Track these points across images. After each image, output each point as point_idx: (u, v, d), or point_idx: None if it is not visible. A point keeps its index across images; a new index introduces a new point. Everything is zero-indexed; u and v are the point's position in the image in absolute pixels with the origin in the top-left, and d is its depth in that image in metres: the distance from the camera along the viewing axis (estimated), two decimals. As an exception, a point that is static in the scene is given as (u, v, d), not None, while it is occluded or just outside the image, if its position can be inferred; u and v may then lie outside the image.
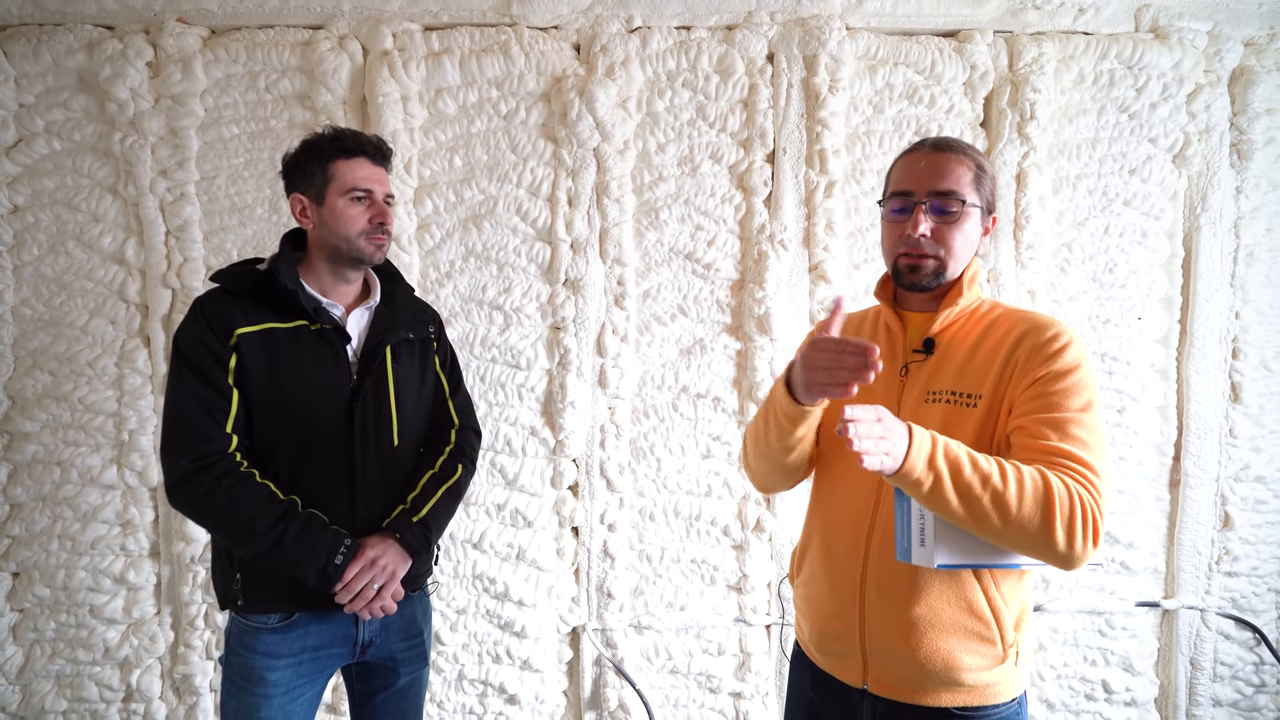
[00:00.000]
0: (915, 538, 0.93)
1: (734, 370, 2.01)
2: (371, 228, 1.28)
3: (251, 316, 1.23)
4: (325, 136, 1.30)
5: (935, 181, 1.02)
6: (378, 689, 1.39)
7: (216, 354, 1.20)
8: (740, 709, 2.06)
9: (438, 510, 1.33)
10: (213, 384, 1.20)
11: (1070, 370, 0.94)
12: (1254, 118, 2.00)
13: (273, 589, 1.24)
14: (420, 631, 1.40)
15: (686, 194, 1.98)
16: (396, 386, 1.32)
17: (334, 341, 1.27)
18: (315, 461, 1.25)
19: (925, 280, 1.03)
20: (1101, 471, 0.90)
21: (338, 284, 1.31)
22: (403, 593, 1.27)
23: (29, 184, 1.89)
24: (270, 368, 1.23)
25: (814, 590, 1.11)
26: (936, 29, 1.99)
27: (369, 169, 1.29)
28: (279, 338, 1.24)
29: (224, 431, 1.20)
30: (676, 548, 2.03)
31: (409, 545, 1.27)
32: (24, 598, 1.93)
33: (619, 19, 1.94)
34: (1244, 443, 2.06)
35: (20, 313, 1.92)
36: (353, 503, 1.27)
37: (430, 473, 1.36)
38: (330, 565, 1.19)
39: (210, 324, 1.22)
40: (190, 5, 1.88)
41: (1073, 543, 0.87)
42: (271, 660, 1.25)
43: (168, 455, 1.20)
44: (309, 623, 1.27)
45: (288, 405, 1.23)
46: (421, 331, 1.41)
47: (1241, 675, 2.12)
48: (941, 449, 0.87)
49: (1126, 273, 2.03)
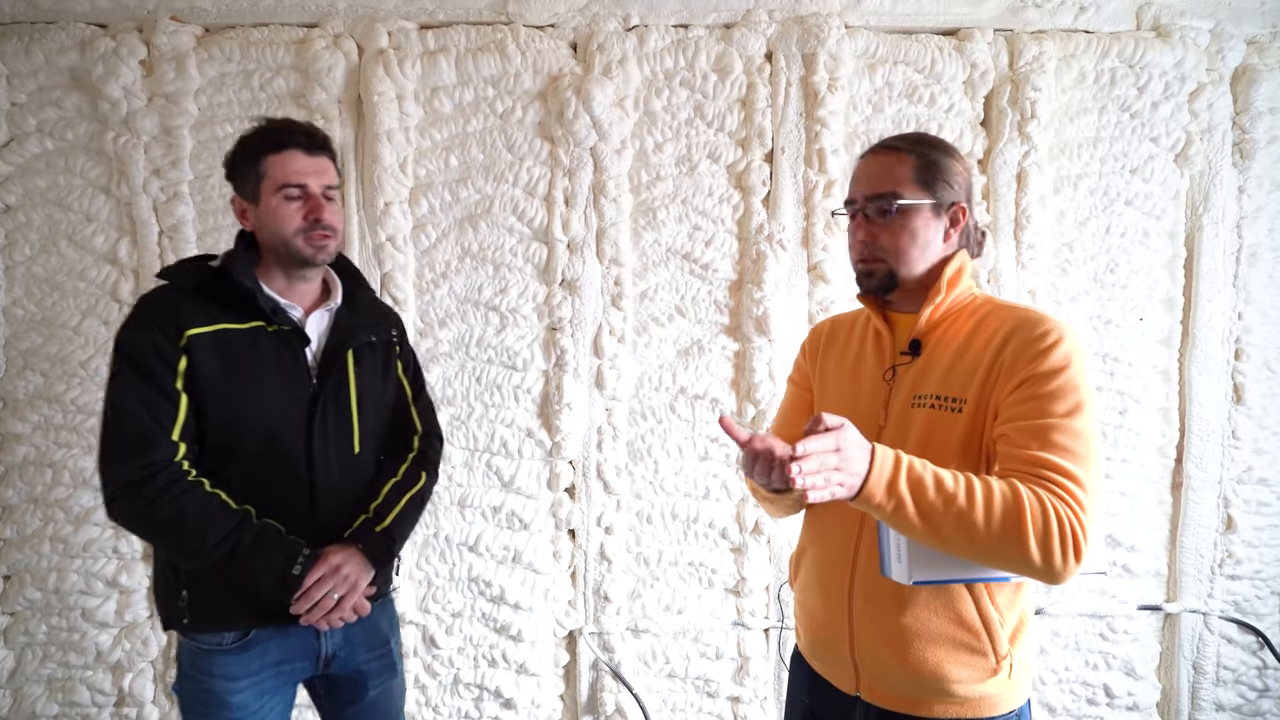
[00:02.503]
0: (893, 554, 0.91)
1: (732, 371, 2.00)
2: (307, 225, 1.17)
3: (204, 316, 1.14)
4: (255, 130, 1.21)
5: (870, 185, 1.02)
6: (345, 703, 1.32)
7: (165, 355, 1.11)
8: (738, 713, 2.05)
9: (401, 519, 1.27)
10: (159, 387, 1.11)
11: (1058, 370, 0.90)
12: (1256, 116, 1.99)
13: (223, 606, 1.16)
14: (386, 640, 1.34)
15: (684, 194, 1.96)
16: (358, 391, 1.26)
17: (293, 344, 1.20)
18: (273, 469, 1.18)
19: (878, 284, 1.02)
20: (1086, 481, 0.86)
21: (294, 284, 1.24)
22: (368, 607, 1.21)
23: (21, 183, 1.88)
24: (225, 371, 1.14)
25: (808, 597, 1.10)
26: (936, 27, 1.97)
27: (302, 161, 1.19)
28: (234, 339, 1.16)
29: (170, 439, 1.11)
30: (674, 550, 2.01)
31: (372, 556, 1.21)
32: (15, 601, 1.91)
33: (616, 17, 1.93)
34: (1247, 445, 2.04)
35: (12, 313, 1.90)
36: (312, 512, 1.20)
37: (393, 481, 1.31)
38: (288, 576, 1.12)
39: (158, 323, 1.13)
40: (184, 3, 1.87)
41: (1050, 560, 0.83)
42: (231, 683, 1.17)
43: (107, 464, 1.11)
44: (267, 639, 1.19)
45: (244, 410, 1.16)
46: (384, 334, 1.35)
47: (1244, 679, 2.10)
48: (905, 471, 0.83)
49: (1128, 273, 2.01)
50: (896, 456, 0.84)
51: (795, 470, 0.76)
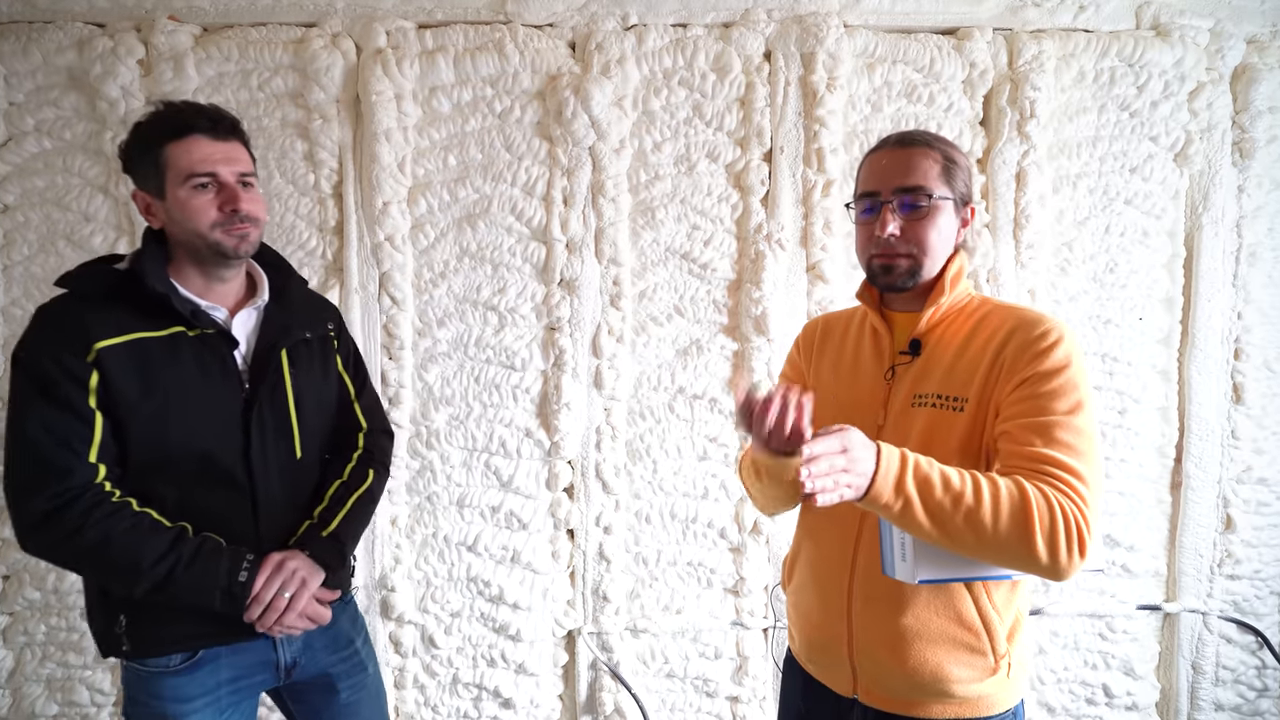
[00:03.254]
0: (897, 553, 0.91)
1: (731, 371, 1.99)
2: (224, 216, 1.08)
3: (113, 325, 1.04)
4: (149, 116, 1.09)
5: (900, 178, 0.99)
6: (319, 709, 1.27)
7: (72, 372, 1.01)
8: (737, 713, 2.05)
9: (349, 521, 1.21)
10: (69, 408, 1.01)
11: (1058, 370, 0.91)
12: (1256, 116, 1.98)
13: (165, 627, 1.08)
14: (351, 641, 1.29)
15: (683, 193, 1.96)
16: (296, 393, 1.18)
17: (219, 348, 1.11)
18: (209, 484, 1.10)
19: (900, 280, 1.01)
20: (1089, 477, 0.87)
21: (213, 284, 1.14)
22: (327, 615, 1.15)
23: (19, 183, 1.87)
24: (144, 383, 1.04)
25: (803, 599, 1.10)
26: (935, 26, 1.97)
27: (208, 147, 1.08)
28: (151, 348, 1.05)
29: (87, 461, 1.02)
30: (673, 550, 2.01)
31: (320, 560, 1.15)
32: (14, 601, 1.91)
33: (614, 16, 1.92)
34: (1246, 444, 2.04)
35: (10, 313, 1.90)
36: (256, 524, 1.13)
37: (339, 482, 1.25)
38: (235, 584, 1.05)
39: (62, 337, 1.02)
40: (182, 3, 1.87)
41: (1056, 556, 0.83)
42: (183, 705, 1.10)
43: (16, 498, 1.01)
44: (219, 656, 1.12)
45: (170, 424, 1.06)
46: (320, 329, 1.27)
47: (1244, 679, 2.10)
48: (911, 469, 0.83)
49: (1127, 272, 2.01)
50: (902, 455, 0.84)
51: (805, 474, 0.76)
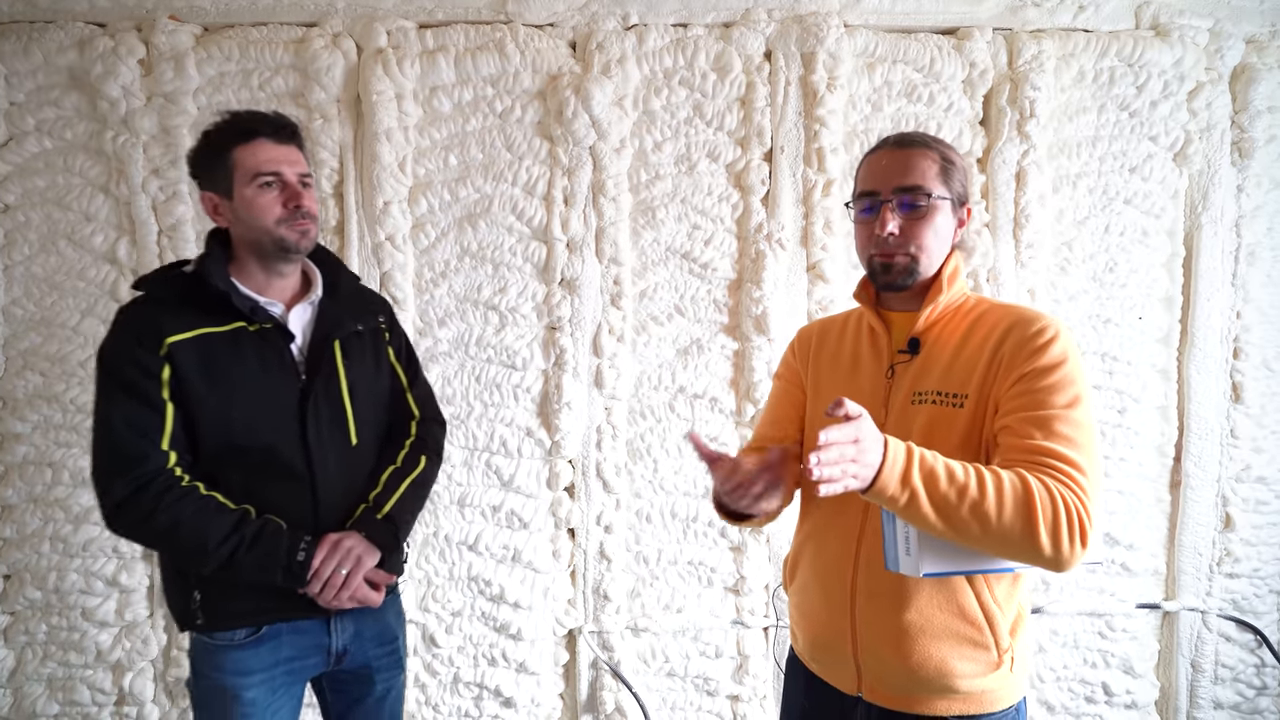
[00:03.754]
0: (900, 547, 0.91)
1: (731, 371, 2.00)
2: (288, 213, 1.17)
3: (183, 323, 1.14)
4: (218, 124, 1.19)
5: (899, 178, 1.00)
6: (353, 700, 1.32)
7: (147, 367, 1.11)
8: (738, 712, 2.05)
9: (403, 505, 1.27)
10: (145, 400, 1.12)
11: (1056, 365, 0.92)
12: (1255, 115, 1.98)
13: (236, 602, 1.17)
14: (395, 637, 1.35)
15: (683, 193, 1.96)
16: (349, 382, 1.25)
17: (276, 341, 1.19)
18: (270, 469, 1.18)
19: (899, 279, 1.02)
20: (1089, 469, 0.88)
21: (272, 280, 1.23)
22: (377, 598, 1.22)
23: (20, 183, 1.88)
24: (210, 376, 1.14)
25: (806, 599, 1.10)
26: (935, 26, 1.97)
27: (272, 149, 1.18)
28: (216, 343, 1.15)
29: (160, 449, 1.12)
30: (673, 549, 2.02)
31: (375, 540, 1.21)
32: (15, 600, 1.92)
33: (615, 16, 1.92)
34: (1245, 443, 2.05)
35: (11, 313, 1.90)
36: (315, 508, 1.21)
37: (392, 468, 1.30)
38: (294, 563, 1.14)
39: (138, 335, 1.13)
40: (183, 2, 1.87)
41: (1059, 546, 0.85)
42: (243, 678, 1.18)
43: (100, 482, 1.13)
44: (280, 634, 1.20)
45: (233, 413, 1.15)
46: (371, 322, 1.34)
47: (1243, 677, 2.11)
48: (917, 462, 0.84)
49: (1127, 272, 2.01)
50: (909, 448, 0.85)
51: (814, 461, 0.76)
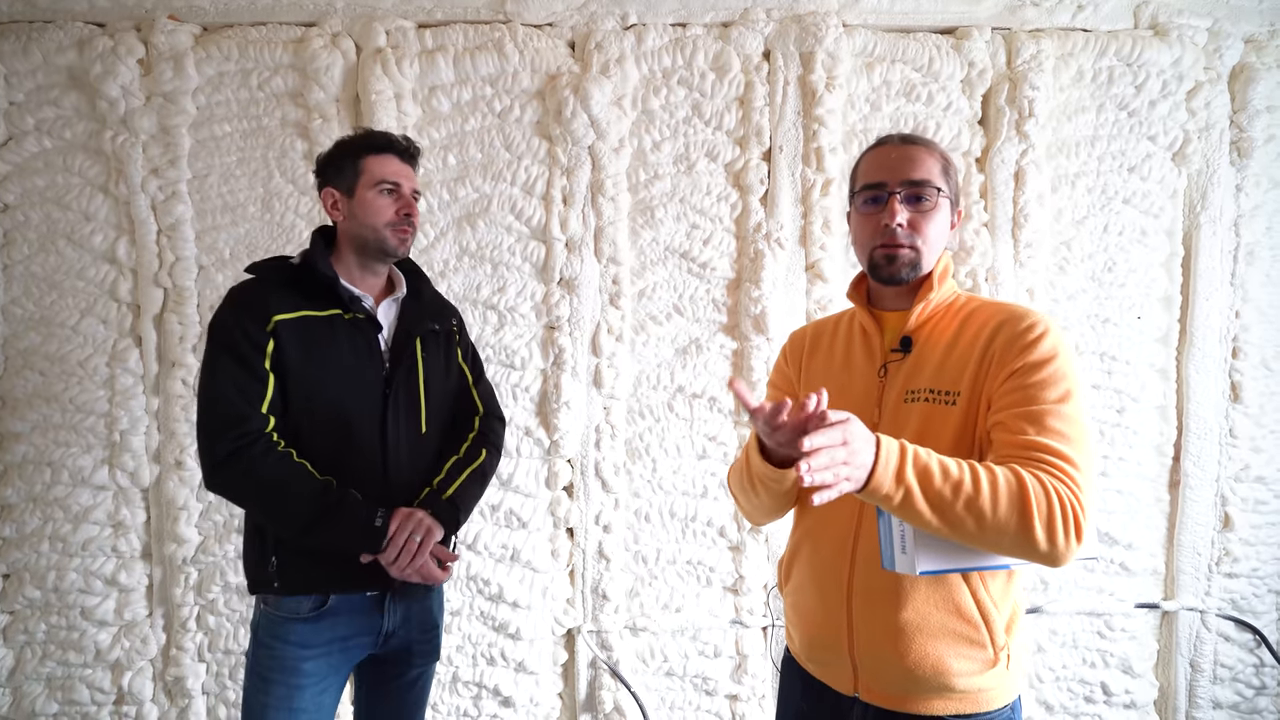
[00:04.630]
0: (896, 545, 0.91)
1: (730, 370, 2.00)
2: (398, 219, 1.33)
3: (288, 304, 1.26)
4: (359, 134, 1.37)
5: (907, 171, 1.01)
6: (388, 678, 1.41)
7: (254, 339, 1.22)
8: (736, 711, 2.05)
9: (464, 491, 1.37)
10: (249, 368, 1.22)
11: (1047, 360, 0.92)
12: (1254, 115, 1.99)
13: (309, 570, 1.26)
14: (436, 624, 1.43)
15: (682, 192, 1.96)
16: (425, 375, 1.37)
17: (367, 331, 1.31)
18: (349, 444, 1.28)
19: (903, 272, 1.02)
20: (1082, 464, 0.88)
21: (366, 276, 1.36)
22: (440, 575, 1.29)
23: (19, 182, 1.88)
24: (307, 354, 1.25)
25: (802, 599, 1.10)
26: (934, 26, 1.98)
27: (398, 165, 1.35)
28: (315, 325, 1.27)
29: (260, 413, 1.22)
30: (672, 549, 2.02)
31: (439, 518, 1.30)
32: (14, 599, 1.92)
33: (614, 16, 1.93)
34: (1244, 443, 2.05)
35: (10, 312, 1.91)
36: (385, 485, 1.30)
37: (455, 458, 1.40)
38: (372, 528, 1.22)
39: (248, 310, 1.24)
40: (182, 2, 1.87)
41: (1054, 540, 0.85)
42: (304, 650, 1.27)
43: (205, 440, 1.22)
44: (339, 612, 1.29)
45: (324, 391, 1.27)
46: (445, 324, 1.46)
47: (1241, 677, 2.10)
48: (911, 459, 0.84)
49: (1126, 271, 2.01)
50: (901, 445, 0.85)
51: (805, 468, 0.75)
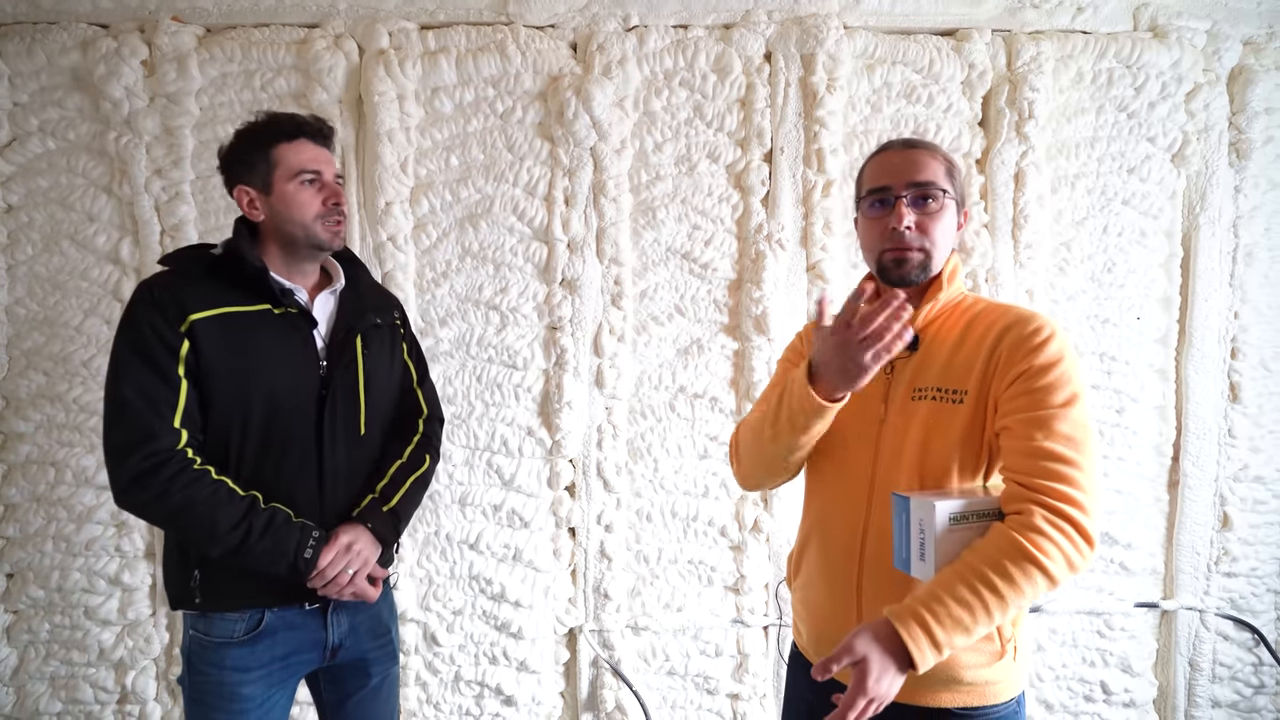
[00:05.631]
0: (915, 551, 0.92)
1: (731, 370, 2.01)
2: (326, 210, 1.23)
3: (207, 300, 1.14)
4: (261, 122, 1.24)
5: (913, 174, 1.03)
6: (350, 692, 1.34)
7: (165, 340, 1.11)
8: (738, 710, 2.06)
9: (406, 500, 1.30)
10: (159, 372, 1.11)
11: (1052, 364, 0.94)
12: (1253, 117, 1.99)
13: (234, 585, 1.17)
14: (388, 629, 1.37)
15: (684, 193, 1.97)
16: (366, 374, 1.28)
17: (301, 327, 1.22)
18: (282, 452, 1.19)
19: (913, 274, 1.03)
20: (1087, 467, 0.91)
21: (293, 274, 1.26)
22: (374, 593, 1.23)
23: (23, 183, 1.88)
24: (232, 354, 1.15)
25: (811, 594, 1.11)
26: (934, 28, 1.98)
27: (313, 150, 1.23)
28: (240, 322, 1.16)
29: (171, 426, 1.11)
30: (674, 548, 2.02)
31: (379, 534, 1.24)
32: (18, 599, 1.92)
33: (616, 18, 1.93)
34: (1243, 443, 2.05)
35: (14, 312, 1.91)
36: (321, 494, 1.23)
37: (399, 463, 1.33)
38: (301, 559, 1.15)
39: (159, 307, 1.12)
40: (185, 4, 1.88)
41: (1075, 569, 0.90)
42: (242, 674, 1.19)
43: (112, 457, 1.12)
44: (276, 630, 1.21)
45: (253, 393, 1.16)
46: (388, 317, 1.37)
47: (1240, 676, 2.11)
48: (935, 625, 0.87)
49: (1125, 272, 2.02)
50: (918, 619, 0.88)
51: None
